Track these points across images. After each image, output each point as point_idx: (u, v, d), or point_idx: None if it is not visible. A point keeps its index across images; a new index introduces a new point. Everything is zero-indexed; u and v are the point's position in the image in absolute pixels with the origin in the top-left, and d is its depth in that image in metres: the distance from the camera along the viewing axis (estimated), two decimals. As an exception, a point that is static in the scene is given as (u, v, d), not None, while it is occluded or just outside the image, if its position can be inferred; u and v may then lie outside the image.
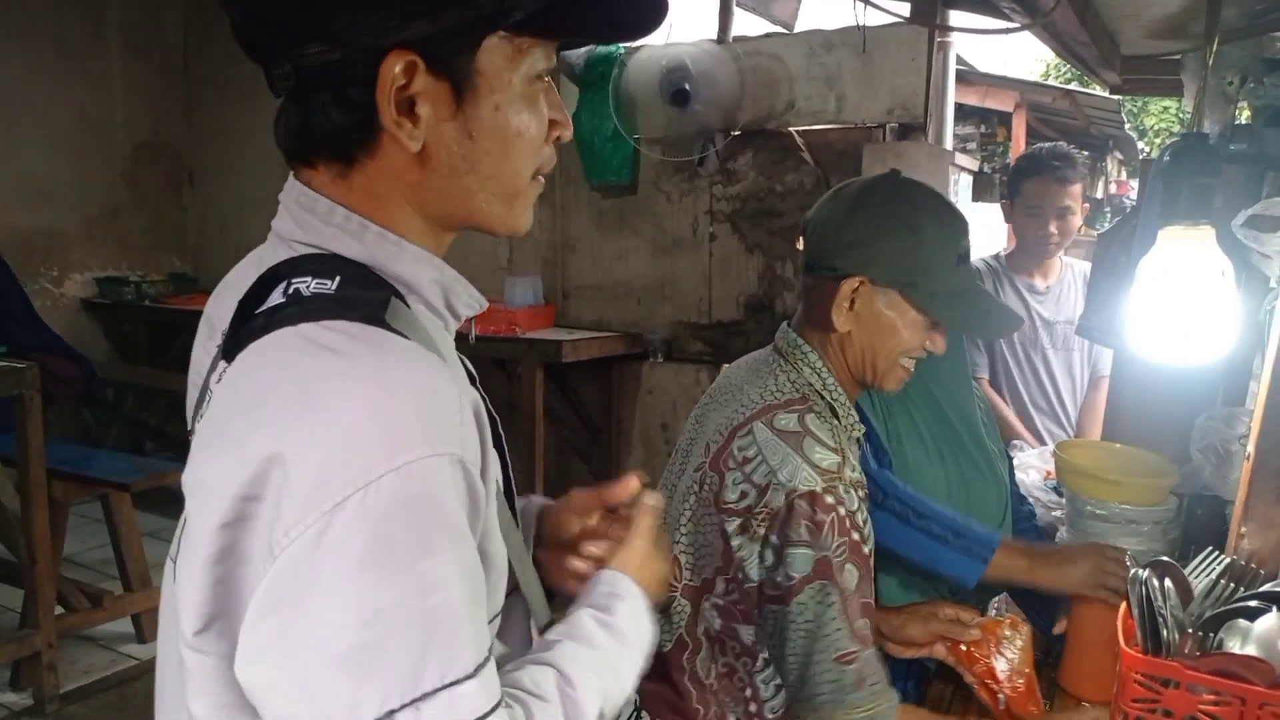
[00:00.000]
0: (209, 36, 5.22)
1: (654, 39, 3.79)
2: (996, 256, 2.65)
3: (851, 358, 1.26)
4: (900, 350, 1.23)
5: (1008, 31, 2.17)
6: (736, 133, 3.71)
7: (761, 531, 1.14)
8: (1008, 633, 1.24)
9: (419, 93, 0.69)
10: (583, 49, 3.72)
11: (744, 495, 1.15)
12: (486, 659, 0.65)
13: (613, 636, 0.80)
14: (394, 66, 0.68)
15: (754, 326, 3.82)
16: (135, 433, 5.09)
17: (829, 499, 1.12)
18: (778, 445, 1.14)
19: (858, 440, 1.29)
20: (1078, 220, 2.51)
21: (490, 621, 0.76)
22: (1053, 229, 2.45)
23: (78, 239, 5.01)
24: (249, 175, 5.05)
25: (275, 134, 0.75)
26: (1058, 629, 1.45)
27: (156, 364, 4.98)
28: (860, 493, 1.17)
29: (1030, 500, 1.90)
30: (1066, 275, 2.58)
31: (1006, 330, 1.30)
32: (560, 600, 0.96)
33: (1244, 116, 2.01)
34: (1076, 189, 2.46)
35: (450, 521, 0.63)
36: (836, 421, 1.23)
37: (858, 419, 1.28)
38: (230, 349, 0.69)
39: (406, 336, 0.67)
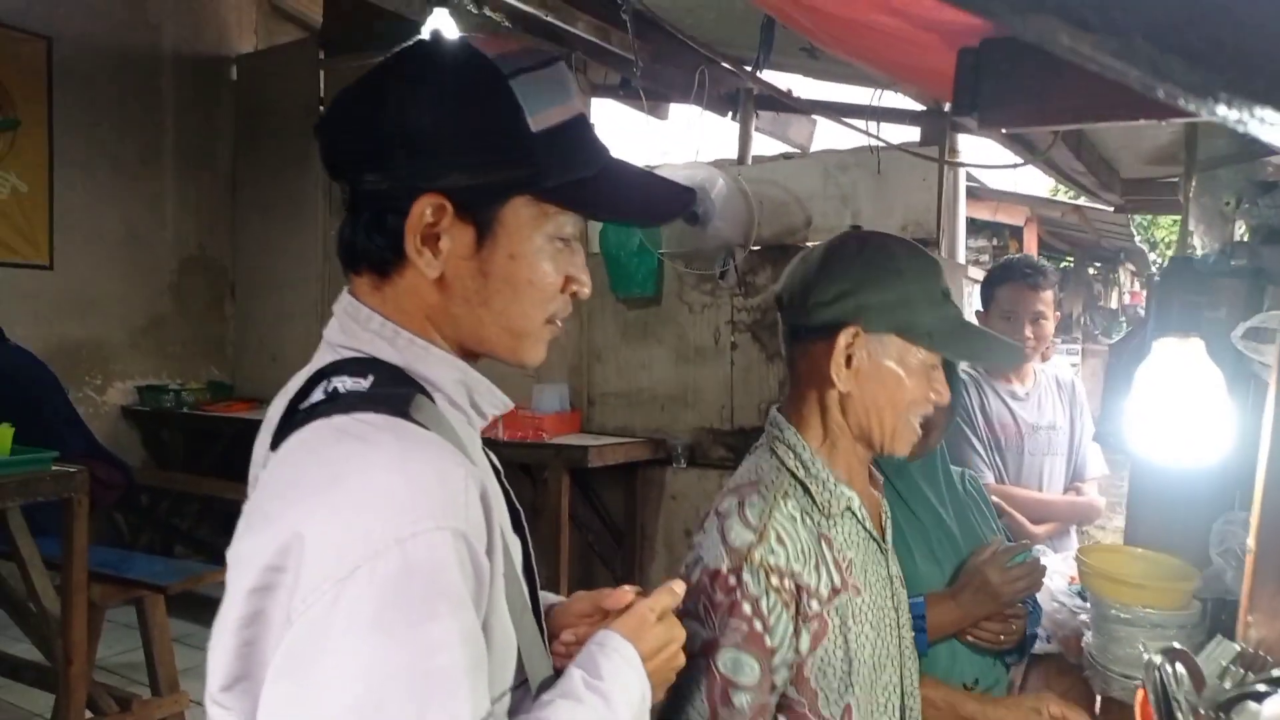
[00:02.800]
0: (257, 159, 5.52)
1: (677, 159, 4.02)
2: (974, 365, 2.69)
3: (854, 420, 1.18)
4: (907, 401, 1.16)
5: (1008, 166, 2.33)
6: (756, 248, 3.88)
7: (690, 606, 1.14)
8: None
9: (444, 230, 0.82)
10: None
11: (687, 569, 1.18)
12: (484, 718, 0.71)
13: (597, 692, 0.84)
14: (425, 207, 0.81)
15: (776, 433, 3.88)
16: (165, 537, 5.16)
17: (731, 580, 1.09)
18: (713, 526, 1.16)
19: (850, 511, 1.19)
20: (1051, 325, 2.58)
21: (499, 698, 0.83)
22: (1028, 333, 2.51)
23: (122, 349, 5.18)
24: (288, 289, 5.29)
25: (337, 244, 0.88)
26: None
27: (191, 470, 5.09)
28: (775, 580, 1.08)
29: (1051, 603, 1.93)
30: (1042, 380, 2.64)
31: (1010, 359, 1.29)
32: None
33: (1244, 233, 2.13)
34: (1049, 295, 2.54)
35: (452, 590, 0.71)
36: (809, 499, 1.16)
37: (847, 491, 1.18)
38: (276, 441, 0.80)
39: (428, 428, 0.77)
